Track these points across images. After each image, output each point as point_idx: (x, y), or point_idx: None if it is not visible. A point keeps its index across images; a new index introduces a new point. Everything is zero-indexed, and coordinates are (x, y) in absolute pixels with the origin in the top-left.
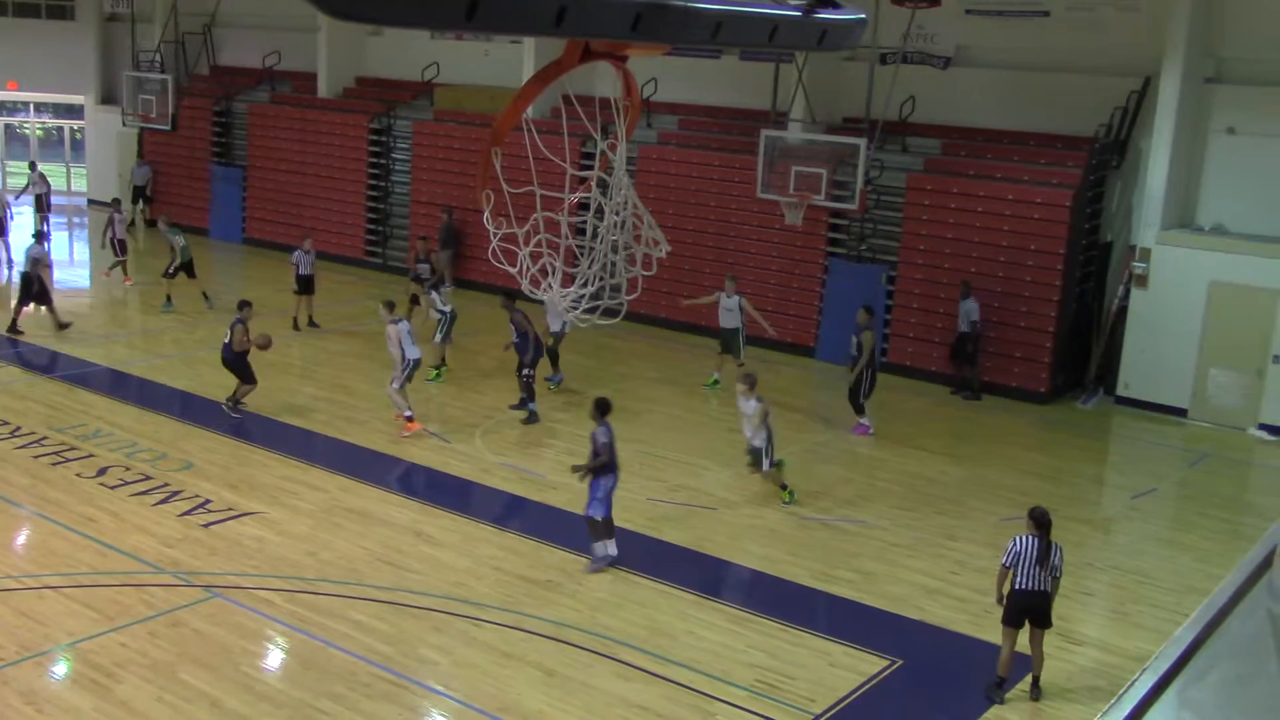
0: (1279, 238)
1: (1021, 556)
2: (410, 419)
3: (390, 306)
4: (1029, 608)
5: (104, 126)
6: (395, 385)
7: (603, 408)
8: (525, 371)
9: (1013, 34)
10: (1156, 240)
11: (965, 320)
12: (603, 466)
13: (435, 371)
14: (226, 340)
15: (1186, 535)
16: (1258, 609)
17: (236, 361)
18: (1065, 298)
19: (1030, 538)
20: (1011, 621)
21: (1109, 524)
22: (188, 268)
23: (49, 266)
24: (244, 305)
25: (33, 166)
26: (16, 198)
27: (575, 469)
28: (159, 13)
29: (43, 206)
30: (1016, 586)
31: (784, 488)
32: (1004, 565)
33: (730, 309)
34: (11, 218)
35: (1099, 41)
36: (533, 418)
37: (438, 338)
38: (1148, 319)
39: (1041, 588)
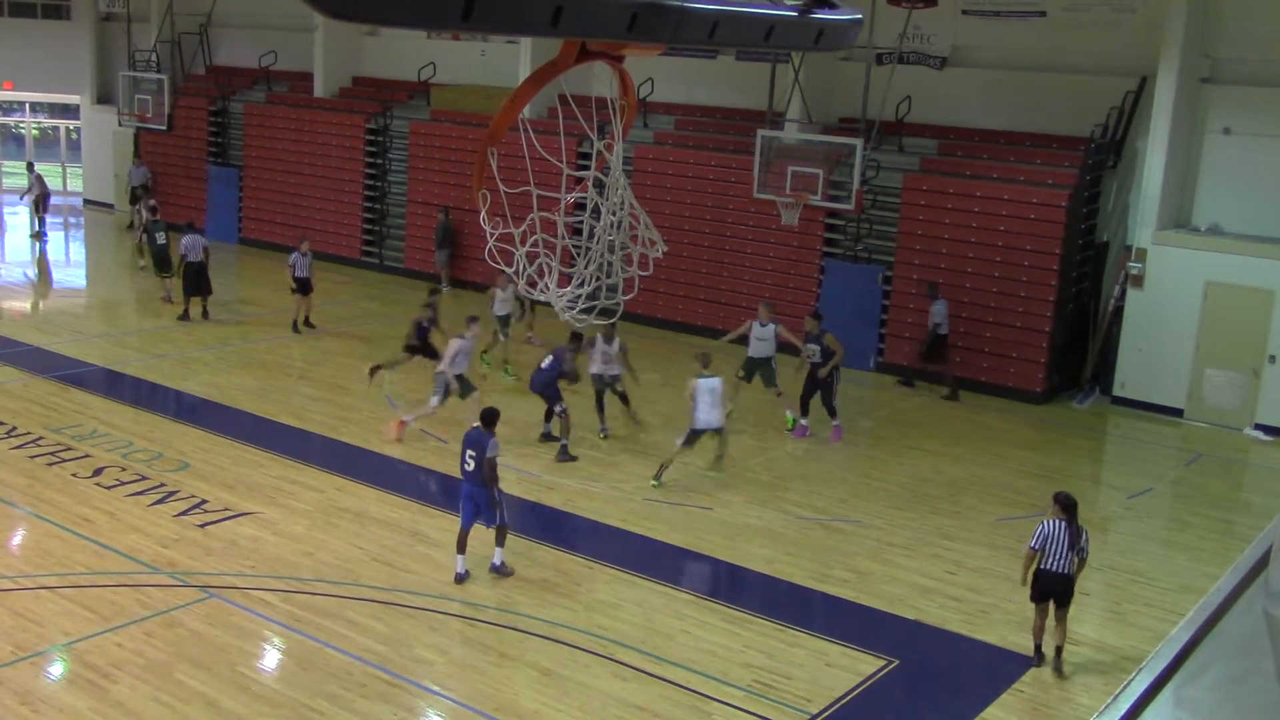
0: (1275, 238)
1: (1051, 539)
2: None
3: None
4: (1054, 589)
5: (100, 126)
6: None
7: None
8: (561, 407)
9: (1009, 34)
10: (1152, 240)
11: (932, 320)
12: None
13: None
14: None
15: (1182, 535)
16: (1253, 608)
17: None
18: (1061, 298)
19: (1058, 522)
20: (1036, 599)
21: (1105, 524)
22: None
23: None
24: (435, 291)
25: (30, 168)
26: (21, 198)
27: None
28: (155, 12)
29: (40, 208)
30: (1044, 568)
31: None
32: (1031, 548)
33: (764, 338)
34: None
35: (1095, 42)
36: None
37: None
38: (1144, 319)
39: (1068, 570)
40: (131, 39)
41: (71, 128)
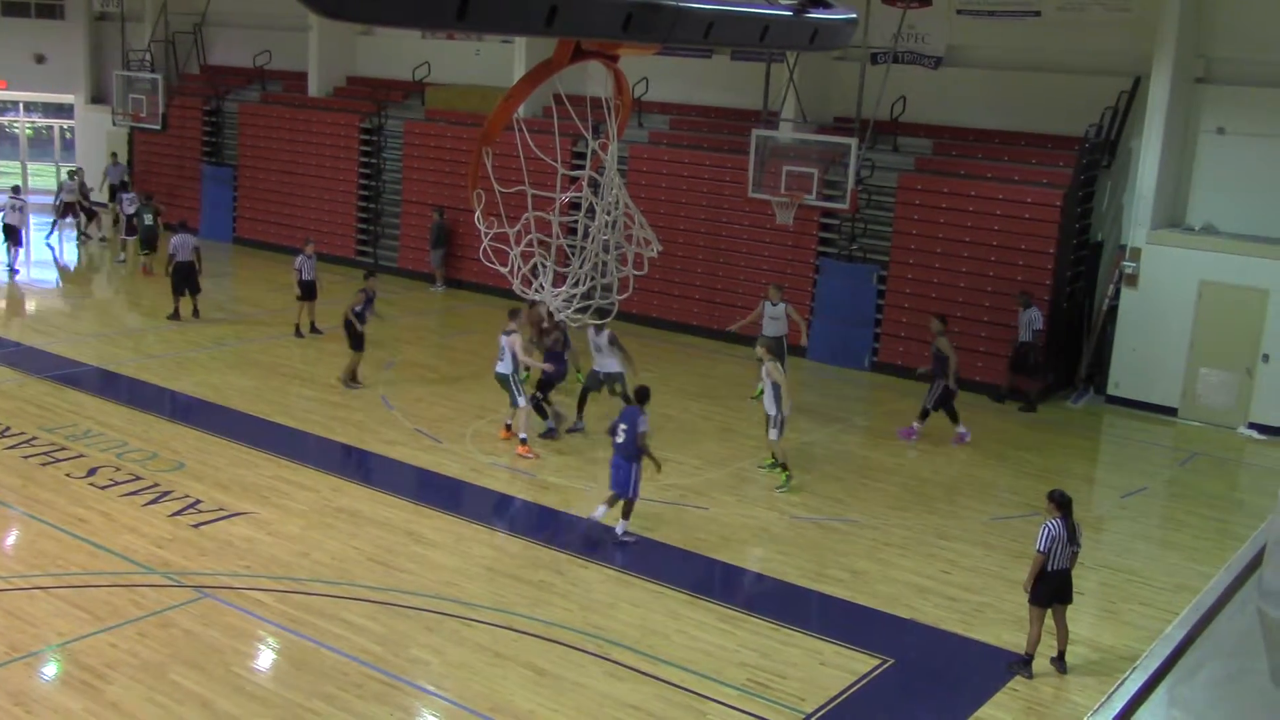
0: (1268, 237)
1: (1057, 540)
2: (523, 441)
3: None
4: (1061, 587)
5: (94, 126)
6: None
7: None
8: (538, 395)
9: (1003, 34)
10: (1147, 240)
11: (1028, 330)
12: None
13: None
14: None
15: (1176, 534)
16: (1247, 607)
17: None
18: (1056, 297)
19: (1059, 521)
20: (1045, 603)
21: (1100, 523)
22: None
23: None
24: (370, 275)
25: (72, 175)
26: (56, 197)
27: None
28: (149, 12)
29: (75, 212)
30: (1050, 569)
31: (784, 469)
32: (1041, 551)
33: (776, 317)
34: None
35: (1089, 42)
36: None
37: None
38: (1138, 318)
39: (1069, 566)
40: (126, 38)
41: (66, 127)
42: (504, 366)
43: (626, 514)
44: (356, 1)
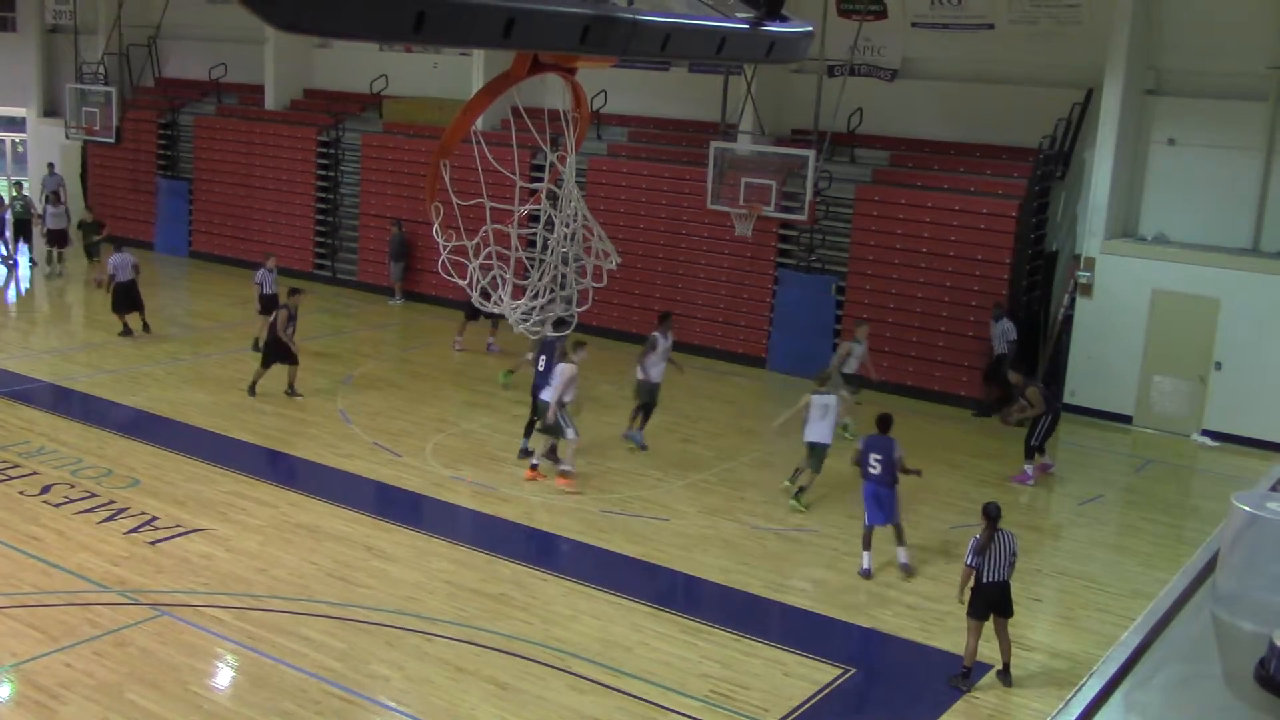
0: (1219, 247)
1: (990, 554)
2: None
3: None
4: (997, 599)
5: (47, 139)
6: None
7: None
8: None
9: (958, 47)
10: (1101, 249)
11: (1002, 342)
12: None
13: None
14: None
15: (1132, 540)
16: (1201, 612)
17: (274, 343)
18: (1012, 307)
19: (991, 534)
20: (981, 615)
21: (1057, 530)
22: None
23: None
24: (295, 292)
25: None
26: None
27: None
28: (103, 24)
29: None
30: (985, 580)
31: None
32: (969, 565)
33: (861, 357)
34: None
35: (1042, 54)
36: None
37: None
38: (1093, 327)
39: (1005, 579)
40: (79, 51)
41: (17, 140)
42: (549, 393)
43: (902, 539)
44: (312, 14)
